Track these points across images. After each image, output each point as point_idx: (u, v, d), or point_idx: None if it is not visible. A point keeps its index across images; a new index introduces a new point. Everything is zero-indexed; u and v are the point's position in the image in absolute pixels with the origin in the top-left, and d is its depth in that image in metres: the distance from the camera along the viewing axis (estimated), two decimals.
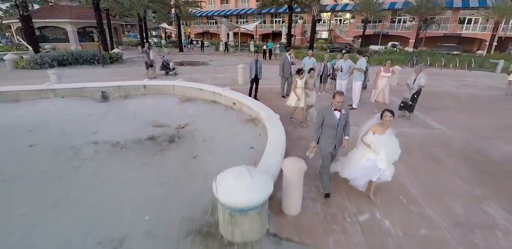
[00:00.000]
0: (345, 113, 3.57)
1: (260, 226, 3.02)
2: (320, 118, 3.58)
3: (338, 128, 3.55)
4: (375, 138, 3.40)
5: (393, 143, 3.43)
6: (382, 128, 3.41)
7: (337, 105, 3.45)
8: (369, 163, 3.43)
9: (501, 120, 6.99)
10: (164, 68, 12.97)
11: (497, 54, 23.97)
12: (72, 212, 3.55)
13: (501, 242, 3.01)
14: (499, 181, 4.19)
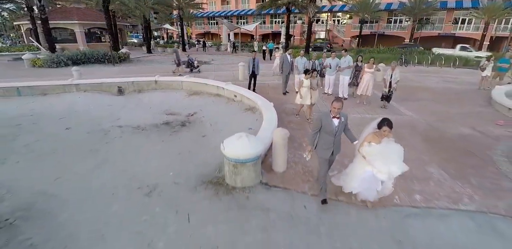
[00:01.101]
0: (344, 121, 3.49)
1: (255, 176, 4.16)
2: (318, 124, 3.53)
3: (336, 135, 3.48)
4: (370, 149, 3.25)
5: (391, 151, 3.21)
6: (378, 138, 3.25)
7: (335, 111, 3.37)
8: (367, 174, 3.31)
9: (465, 109, 8.12)
10: (189, 66, 14.12)
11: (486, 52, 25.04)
12: (114, 170, 4.69)
13: (431, 188, 4.12)
14: (445, 152, 5.31)
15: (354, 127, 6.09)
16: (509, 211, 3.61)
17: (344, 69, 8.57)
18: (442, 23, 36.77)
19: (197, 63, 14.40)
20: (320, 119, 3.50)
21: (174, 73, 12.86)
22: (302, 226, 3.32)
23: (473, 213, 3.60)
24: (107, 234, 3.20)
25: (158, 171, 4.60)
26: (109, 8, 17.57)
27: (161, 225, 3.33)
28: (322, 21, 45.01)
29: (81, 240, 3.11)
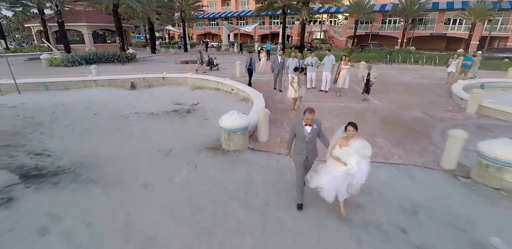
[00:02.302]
0: (317, 127, 3.62)
1: (244, 143, 5.65)
2: (292, 132, 3.74)
3: (309, 141, 3.62)
4: (341, 151, 3.43)
5: (359, 150, 3.38)
6: (346, 141, 3.44)
7: (306, 121, 3.56)
8: (340, 173, 3.42)
9: (426, 99, 9.59)
10: (209, 64, 15.63)
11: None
12: (137, 141, 6.18)
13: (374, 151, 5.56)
14: (394, 129, 6.79)
15: (335, 113, 7.71)
16: (423, 164, 5.09)
17: (319, 65, 10.08)
18: (434, 24, 38.19)
19: (216, 62, 15.91)
20: (294, 127, 3.72)
21: (197, 71, 14.36)
22: (275, 171, 4.80)
23: (398, 165, 5.08)
24: (141, 176, 4.68)
25: (171, 142, 6.09)
26: (117, 11, 19.06)
27: (177, 170, 4.82)
28: (320, 22, 46.54)
29: (123, 180, 4.60)
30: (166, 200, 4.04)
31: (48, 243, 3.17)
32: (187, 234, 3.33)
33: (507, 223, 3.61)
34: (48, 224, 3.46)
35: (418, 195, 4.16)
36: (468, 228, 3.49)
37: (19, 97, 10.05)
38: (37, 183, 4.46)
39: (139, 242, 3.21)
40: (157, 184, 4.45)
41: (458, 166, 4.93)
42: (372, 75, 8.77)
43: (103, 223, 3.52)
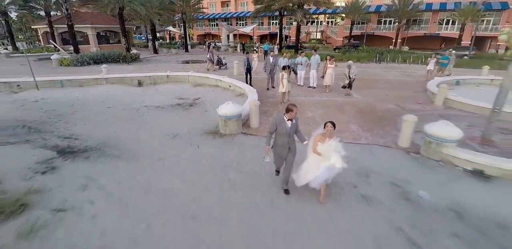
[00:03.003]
0: (295, 122, 3.97)
1: (238, 128, 6.78)
2: (273, 126, 3.96)
3: (290, 135, 3.93)
4: (323, 147, 3.75)
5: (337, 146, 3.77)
6: (324, 137, 3.79)
7: (290, 116, 3.85)
8: (322, 169, 3.78)
9: (402, 93, 10.72)
10: (218, 64, 16.73)
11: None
12: (149, 128, 7.31)
13: (346, 134, 6.71)
14: (368, 118, 7.91)
15: (319, 106, 8.84)
16: (384, 143, 6.22)
17: (308, 65, 11.21)
18: (428, 24, 39.28)
19: (225, 61, 17.03)
20: (275, 123, 3.94)
21: (208, 70, 15.52)
22: (262, 149, 5.90)
23: (363, 145, 6.21)
24: (154, 153, 5.81)
25: (177, 128, 7.23)
26: (122, 14, 20.20)
27: (183, 149, 5.96)
28: (317, 23, 47.68)
29: (140, 155, 5.73)
30: (175, 169, 5.17)
31: (90, 193, 4.31)
32: (192, 190, 4.46)
33: (436, 183, 4.74)
34: (87, 183, 4.60)
35: (373, 165, 5.29)
36: (404, 185, 4.62)
37: (39, 93, 11.18)
38: (71, 157, 5.60)
39: (156, 194, 4.34)
40: (167, 158, 5.59)
41: (411, 145, 6.06)
42: (352, 72, 9.89)
43: (128, 182, 4.66)
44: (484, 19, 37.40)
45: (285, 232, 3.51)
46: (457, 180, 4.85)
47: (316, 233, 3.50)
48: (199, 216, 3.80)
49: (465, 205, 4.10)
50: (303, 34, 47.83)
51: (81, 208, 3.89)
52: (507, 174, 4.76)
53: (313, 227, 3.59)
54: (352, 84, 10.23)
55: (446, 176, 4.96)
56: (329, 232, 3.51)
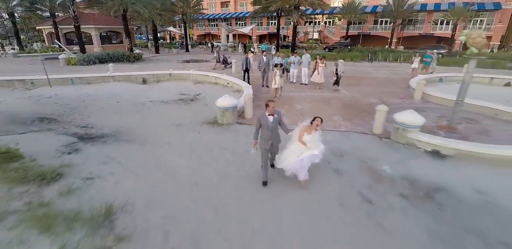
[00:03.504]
0: (278, 117, 4.35)
1: (233, 118, 7.71)
2: (258, 123, 4.41)
3: (272, 129, 4.31)
4: (308, 138, 4.20)
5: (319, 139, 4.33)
6: (310, 130, 4.21)
7: (270, 111, 4.24)
8: (304, 156, 4.21)
9: (387, 89, 11.65)
10: (224, 63, 17.62)
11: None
12: (155, 119, 8.26)
13: (329, 123, 7.63)
14: (350, 110, 8.84)
15: (309, 100, 9.75)
16: (361, 131, 7.14)
17: (300, 63, 12.13)
18: (423, 24, 40.19)
19: (230, 60, 17.90)
20: (259, 119, 4.38)
21: (214, 69, 16.44)
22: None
23: (343, 132, 7.13)
24: (161, 138, 6.74)
25: (180, 119, 8.17)
26: (125, 16, 21.10)
27: (186, 135, 6.89)
28: (315, 23, 48.62)
29: (149, 140, 6.66)
30: (180, 150, 6.10)
31: (110, 167, 5.24)
32: (194, 166, 5.39)
33: (398, 160, 5.66)
34: (108, 159, 5.54)
35: (348, 147, 6.21)
36: (371, 162, 5.55)
37: (51, 89, 12.11)
38: (90, 141, 6.54)
39: (165, 168, 5.27)
40: (173, 142, 6.53)
41: (384, 131, 6.99)
42: (339, 70, 10.82)
43: (141, 160, 5.59)
44: (478, 19, 38.42)
45: (267, 191, 4.45)
46: (416, 158, 5.78)
47: (293, 195, 4.42)
48: (200, 183, 4.73)
49: (417, 176, 5.03)
50: (301, 34, 48.87)
51: (105, 177, 4.82)
52: (459, 153, 5.68)
53: (290, 191, 4.51)
54: (340, 81, 11.16)
55: (408, 156, 5.90)
56: (303, 194, 4.44)
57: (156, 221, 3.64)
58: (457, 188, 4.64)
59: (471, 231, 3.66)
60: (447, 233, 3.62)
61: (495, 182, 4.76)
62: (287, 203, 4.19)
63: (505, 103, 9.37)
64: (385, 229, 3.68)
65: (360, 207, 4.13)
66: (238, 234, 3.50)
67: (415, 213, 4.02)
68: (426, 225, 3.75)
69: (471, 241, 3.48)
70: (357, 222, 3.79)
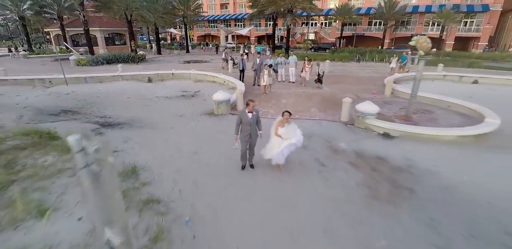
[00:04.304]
0: (256, 114, 4.96)
1: (227, 110, 9.28)
2: (238, 119, 5.04)
3: (251, 124, 4.98)
4: (282, 130, 4.90)
5: (294, 129, 5.00)
6: (283, 123, 4.90)
7: (250, 109, 4.93)
8: (284, 146, 4.95)
9: (365, 87, 13.19)
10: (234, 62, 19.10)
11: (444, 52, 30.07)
12: (161, 110, 9.82)
13: (306, 114, 9.18)
14: (327, 104, 10.38)
15: (294, 95, 11.26)
16: (331, 119, 8.68)
17: (286, 64, 13.70)
18: (415, 25, 41.71)
19: (236, 61, 19.36)
20: (240, 115, 5.06)
21: (223, 68, 17.91)
22: None
23: (316, 120, 8.68)
24: (167, 125, 8.30)
25: (182, 111, 9.72)
26: (130, 20, 22.72)
27: (187, 122, 8.46)
28: (312, 24, 50.21)
29: (158, 126, 8.22)
30: (182, 132, 7.66)
31: (129, 145, 6.78)
32: (194, 143, 6.93)
33: (355, 140, 7.20)
34: (126, 139, 7.08)
35: (318, 131, 7.76)
36: (332, 141, 7.10)
37: (68, 87, 13.66)
38: (110, 127, 8.09)
39: (172, 144, 6.82)
40: (177, 127, 8.09)
41: (350, 119, 8.53)
42: (320, 69, 12.38)
43: (153, 139, 7.14)
44: (467, 21, 39.96)
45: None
46: (370, 138, 7.32)
47: (267, 163, 5.96)
48: (199, 152, 6.29)
49: (365, 150, 6.58)
50: (298, 35, 50.44)
51: (127, 151, 6.37)
52: (402, 134, 7.23)
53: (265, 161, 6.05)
54: (322, 79, 12.72)
55: (364, 136, 7.45)
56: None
57: (168, 174, 5.20)
58: (391, 157, 6.19)
59: (390, 181, 5.22)
60: (372, 183, 5.17)
61: (420, 153, 6.31)
62: (262, 165, 5.74)
63: (467, 98, 10.94)
64: (329, 180, 5.23)
65: (314, 167, 5.68)
66: (225, 179, 5.05)
67: (354, 172, 5.57)
68: (359, 179, 5.30)
69: (388, 187, 5.03)
70: (310, 176, 5.34)
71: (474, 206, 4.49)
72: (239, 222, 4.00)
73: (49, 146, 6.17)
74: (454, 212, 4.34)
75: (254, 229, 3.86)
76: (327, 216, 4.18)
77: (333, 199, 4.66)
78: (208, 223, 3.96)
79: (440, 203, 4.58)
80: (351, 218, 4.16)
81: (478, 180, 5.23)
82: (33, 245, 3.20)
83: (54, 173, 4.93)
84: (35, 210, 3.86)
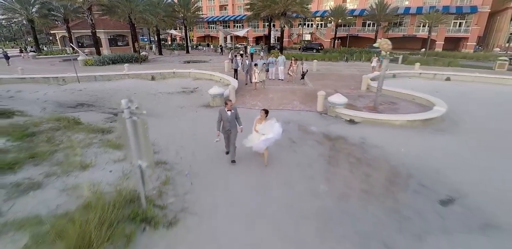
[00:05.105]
0: (234, 112, 5.75)
1: (221, 102, 10.81)
2: (219, 116, 5.81)
3: (230, 121, 5.77)
4: (260, 126, 5.64)
5: (271, 125, 5.67)
6: (260, 120, 5.67)
7: (228, 107, 5.73)
8: (262, 139, 5.62)
9: (345, 83, 14.74)
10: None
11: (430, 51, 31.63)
12: (165, 103, 11.39)
13: (288, 105, 10.73)
14: (309, 97, 11.94)
15: (280, 90, 12.82)
16: (309, 109, 10.25)
17: (275, 63, 15.29)
18: (407, 26, 43.28)
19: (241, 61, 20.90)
20: (220, 113, 5.80)
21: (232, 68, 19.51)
22: None
23: (296, 110, 10.24)
24: (171, 114, 9.86)
25: (183, 104, 11.29)
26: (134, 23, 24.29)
27: (187, 112, 10.04)
28: (308, 25, 51.81)
29: (163, 115, 9.78)
30: (183, 120, 9.22)
31: None
32: (193, 127, 8.49)
33: (325, 125, 8.75)
34: None
35: (295, 118, 9.32)
36: (306, 125, 8.66)
37: (80, 85, 15.24)
38: None
39: (174, 128, 8.38)
40: (179, 116, 9.66)
41: (324, 109, 10.09)
42: (304, 68, 13.94)
43: (159, 125, 8.69)
44: (457, 22, 41.54)
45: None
46: (337, 123, 8.89)
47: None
48: (197, 134, 7.84)
49: (331, 132, 8.14)
50: (295, 36, 52.03)
51: None
52: (363, 120, 8.79)
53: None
54: (305, 76, 14.29)
55: (332, 122, 9.02)
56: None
57: (172, 148, 6.77)
58: (350, 136, 7.75)
59: (345, 153, 6.78)
60: (330, 154, 6.74)
61: (373, 133, 7.88)
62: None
63: (434, 93, 12.49)
64: (297, 152, 6.80)
65: (286, 144, 7.24)
66: (216, 152, 6.62)
67: (318, 147, 7.13)
68: (321, 151, 6.86)
69: (341, 156, 6.60)
70: (283, 150, 6.90)
71: (400, 167, 6.05)
72: (223, 174, 5.59)
73: (76, 128, 7.76)
74: (384, 171, 5.91)
75: (234, 177, 5.44)
76: (290, 174, 5.74)
77: (296, 164, 6.22)
78: (201, 176, 5.53)
79: (377, 166, 6.14)
80: (308, 176, 5.72)
81: (411, 152, 6.79)
82: (83, 183, 4.76)
83: (86, 145, 6.50)
84: (78, 166, 5.43)
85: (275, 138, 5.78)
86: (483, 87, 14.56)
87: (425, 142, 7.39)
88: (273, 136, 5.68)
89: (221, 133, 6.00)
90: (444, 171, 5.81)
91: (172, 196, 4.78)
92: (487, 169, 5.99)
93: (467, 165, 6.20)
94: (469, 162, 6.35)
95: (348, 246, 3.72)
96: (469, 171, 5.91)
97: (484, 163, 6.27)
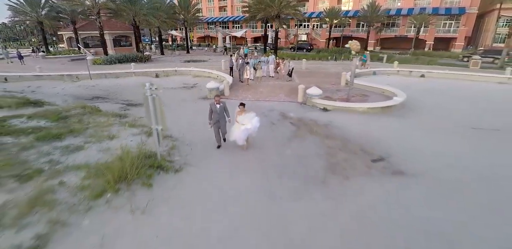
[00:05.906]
0: (223, 105, 6.74)
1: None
2: (210, 109, 6.77)
3: (219, 113, 6.70)
4: (240, 117, 6.61)
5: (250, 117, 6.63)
6: (240, 112, 6.68)
7: (217, 101, 6.72)
8: (242, 130, 6.55)
9: (328, 79, 16.58)
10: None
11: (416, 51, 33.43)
12: (169, 98, 13.23)
13: (273, 98, 12.55)
14: (292, 91, 13.75)
15: (270, 85, 14.69)
16: (291, 100, 12.06)
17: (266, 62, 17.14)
18: (399, 27, 45.04)
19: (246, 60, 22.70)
20: (211, 106, 6.80)
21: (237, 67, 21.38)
22: (228, 103, 11.82)
23: (281, 101, 12.06)
24: (175, 105, 11.69)
25: (184, 97, 13.12)
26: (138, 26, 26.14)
27: (188, 104, 11.87)
28: (304, 26, 53.67)
29: (168, 106, 11.63)
30: (185, 109, 11.04)
31: None
32: (193, 115, 10.31)
33: (302, 112, 10.57)
34: None
35: (278, 108, 11.13)
36: (286, 113, 10.48)
37: (92, 81, 17.08)
38: (134, 106, 11.47)
39: (177, 114, 10.19)
40: (181, 106, 11.49)
41: (304, 100, 11.89)
42: (290, 66, 15.76)
43: (167, 113, 10.51)
44: (447, 22, 43.30)
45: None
46: (313, 111, 10.70)
47: None
48: (195, 122, 9.63)
49: (306, 117, 9.94)
50: (291, 36, 53.80)
51: None
52: (334, 108, 10.60)
53: None
54: (292, 73, 16.11)
55: (309, 110, 10.84)
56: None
57: (175, 128, 8.58)
58: (320, 120, 9.56)
59: (313, 131, 8.59)
60: (300, 132, 8.55)
61: (339, 117, 9.70)
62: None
63: (404, 87, 14.28)
64: (274, 131, 8.61)
65: (267, 125, 9.05)
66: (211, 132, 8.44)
67: (291, 126, 8.95)
68: (293, 130, 8.68)
69: (309, 133, 8.41)
70: (264, 129, 8.68)
71: (350, 139, 7.87)
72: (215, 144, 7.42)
73: (99, 114, 9.60)
74: (337, 141, 7.74)
75: (223, 146, 7.27)
76: (265, 143, 7.57)
77: (272, 138, 8.04)
78: (198, 146, 7.36)
79: (333, 138, 7.97)
80: (280, 145, 7.54)
81: (366, 130, 8.61)
82: (114, 146, 6.58)
83: (110, 125, 8.34)
84: (107, 137, 7.26)
85: (253, 130, 6.74)
86: (451, 82, 16.34)
87: (377, 123, 9.21)
88: (251, 127, 6.63)
89: (212, 123, 7.01)
90: (384, 140, 7.64)
91: (177, 155, 6.62)
92: (416, 139, 7.84)
93: (403, 136, 8.05)
94: (405, 135, 8.20)
95: (296, 182, 5.55)
96: (403, 140, 7.74)
97: (416, 136, 8.12)
